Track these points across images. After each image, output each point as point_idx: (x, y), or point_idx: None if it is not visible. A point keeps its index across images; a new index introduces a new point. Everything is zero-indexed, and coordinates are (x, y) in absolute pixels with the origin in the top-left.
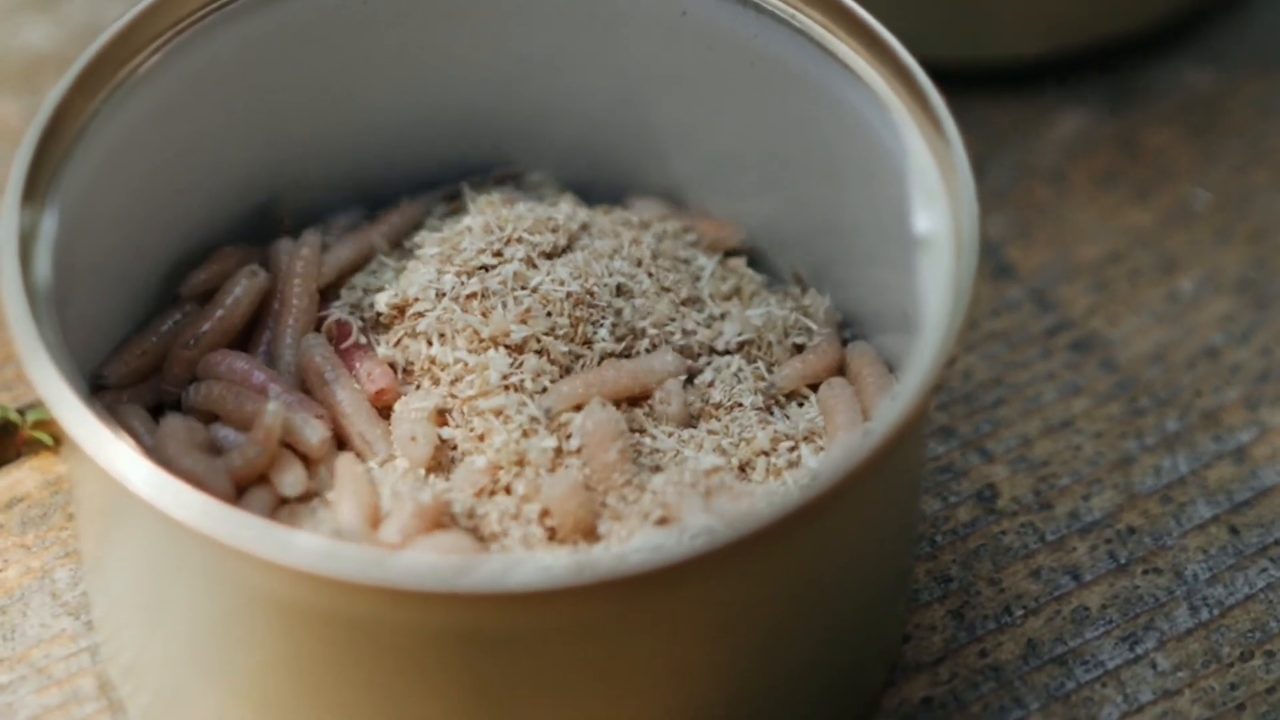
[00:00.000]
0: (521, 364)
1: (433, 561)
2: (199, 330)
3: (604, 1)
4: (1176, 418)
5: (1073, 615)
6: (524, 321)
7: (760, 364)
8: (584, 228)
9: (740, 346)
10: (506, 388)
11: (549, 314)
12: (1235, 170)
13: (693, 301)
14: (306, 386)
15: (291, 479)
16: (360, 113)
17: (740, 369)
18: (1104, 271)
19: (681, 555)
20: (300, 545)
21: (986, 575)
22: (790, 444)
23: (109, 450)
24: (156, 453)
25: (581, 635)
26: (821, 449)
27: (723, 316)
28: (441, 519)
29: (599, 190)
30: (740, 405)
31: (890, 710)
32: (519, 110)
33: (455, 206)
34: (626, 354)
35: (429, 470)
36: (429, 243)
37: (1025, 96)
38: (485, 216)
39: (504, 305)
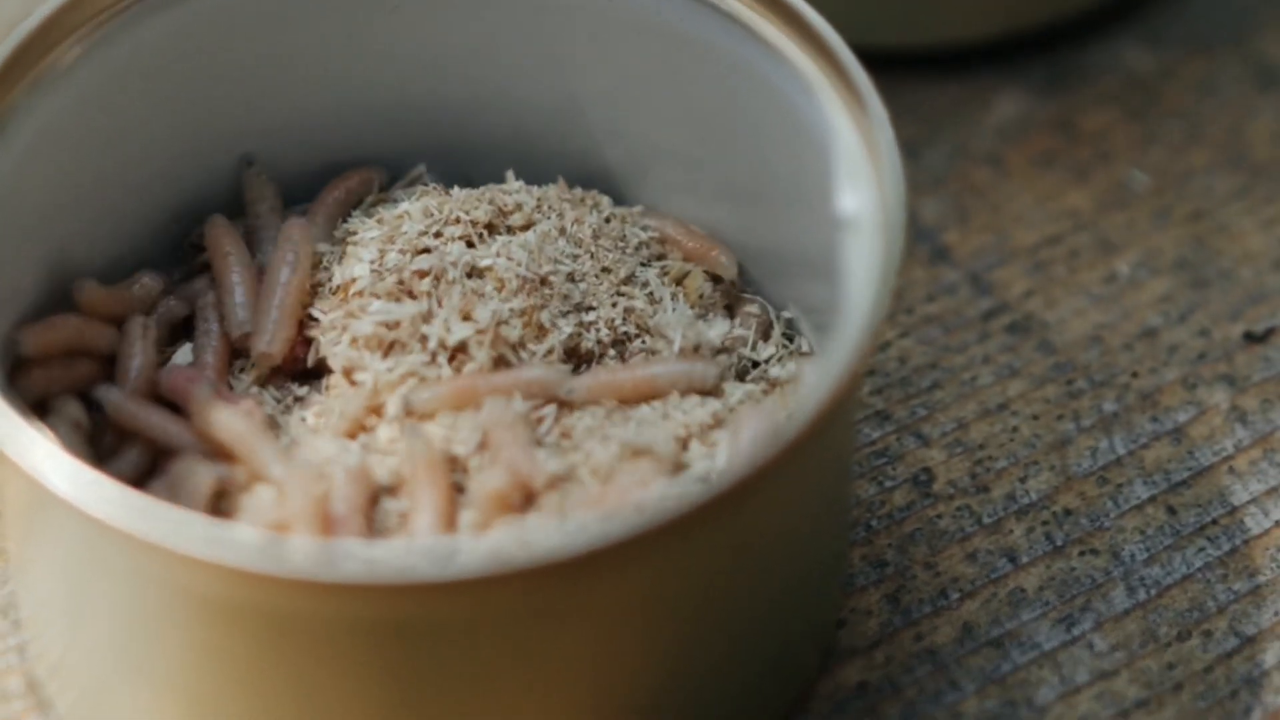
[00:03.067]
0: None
1: (344, 551)
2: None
3: None
4: (1113, 399)
5: (1009, 597)
6: (467, 318)
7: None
8: (535, 207)
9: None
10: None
11: (502, 298)
12: (1173, 151)
13: (632, 280)
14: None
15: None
16: (286, 105)
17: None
18: (1041, 254)
19: (595, 543)
20: (210, 536)
21: (922, 559)
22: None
23: (22, 444)
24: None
25: (499, 624)
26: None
27: (668, 298)
28: (372, 485)
29: (532, 176)
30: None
31: (825, 696)
32: (450, 99)
33: (378, 198)
34: (574, 346)
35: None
36: (365, 228)
37: (963, 79)
38: (424, 201)
39: (450, 291)
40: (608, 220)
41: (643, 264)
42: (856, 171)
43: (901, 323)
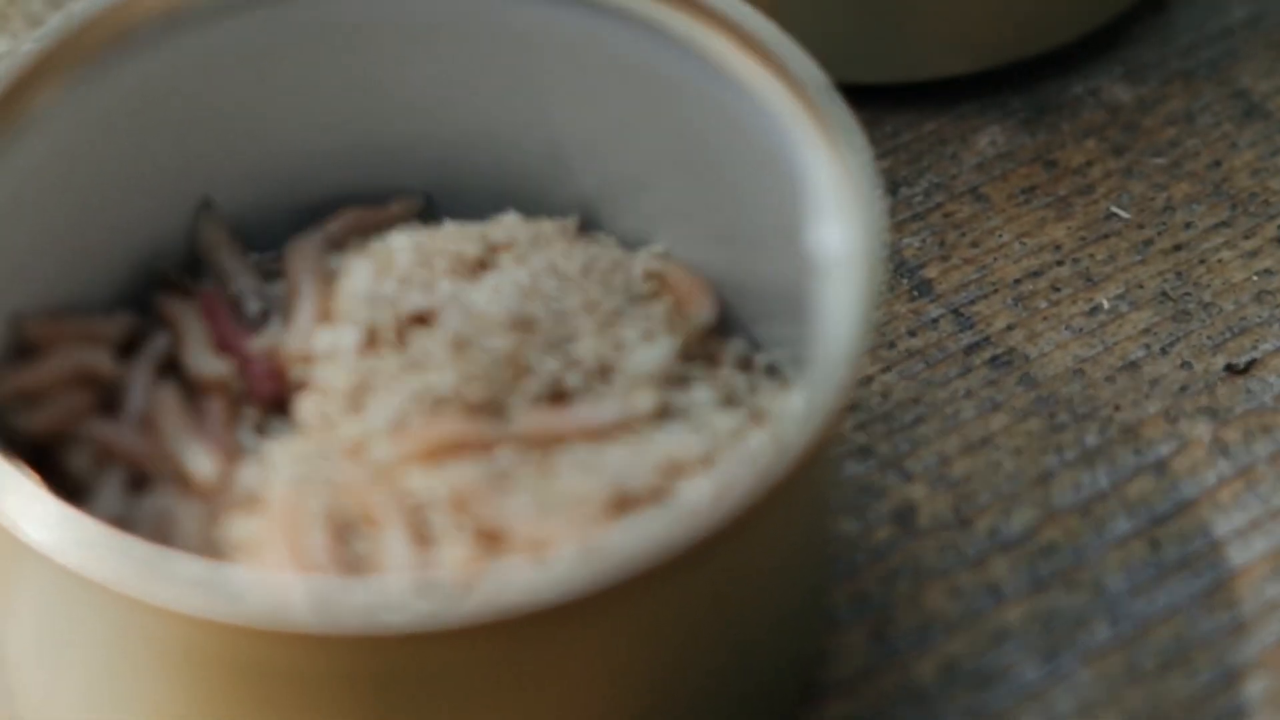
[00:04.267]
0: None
1: (338, 600)
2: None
3: (508, 25)
4: (1096, 432)
5: (993, 633)
6: (453, 359)
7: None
8: (531, 242)
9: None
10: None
11: (488, 338)
12: (1154, 184)
13: (619, 317)
14: None
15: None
16: (265, 147)
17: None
18: (1023, 287)
19: (553, 598)
20: (192, 584)
21: (906, 595)
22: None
23: None
24: None
25: (494, 666)
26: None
27: (660, 334)
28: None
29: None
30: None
31: None
32: (432, 136)
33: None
34: (558, 389)
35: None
36: (353, 263)
37: (944, 114)
38: (414, 237)
39: (437, 332)
40: (598, 257)
41: (631, 302)
42: (837, 207)
43: (883, 357)
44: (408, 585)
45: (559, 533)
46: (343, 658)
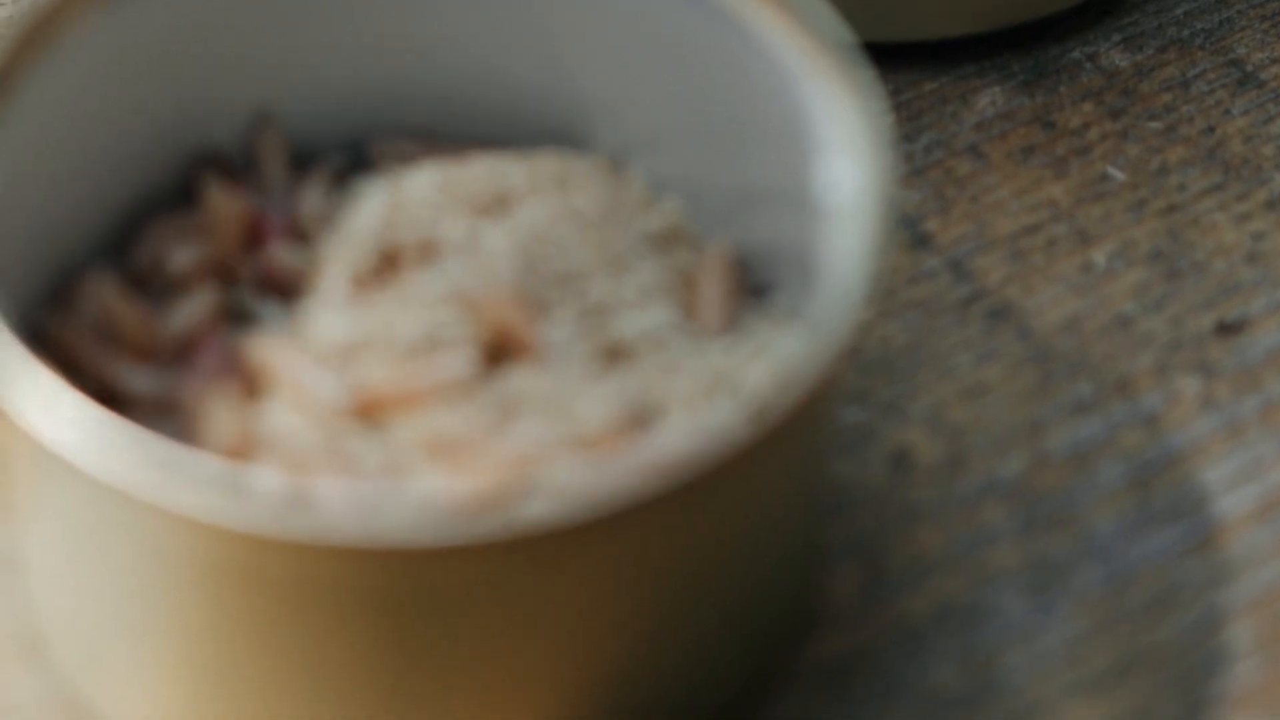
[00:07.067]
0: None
1: (342, 514)
2: None
3: None
4: (1089, 384)
5: (985, 575)
6: (459, 288)
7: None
8: (557, 179)
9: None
10: None
11: (493, 282)
12: (1149, 148)
13: (632, 269)
14: None
15: None
16: (286, 84)
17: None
18: (1020, 243)
19: (563, 522)
20: (195, 481)
21: (900, 536)
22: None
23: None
24: None
25: (482, 594)
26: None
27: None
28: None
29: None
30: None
31: (802, 671)
32: (445, 81)
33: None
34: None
35: None
36: (368, 197)
37: (945, 74)
38: (439, 170)
39: (441, 275)
40: (622, 202)
41: (646, 254)
42: (850, 153)
43: (883, 306)
44: (431, 501)
45: (568, 458)
46: (367, 571)
